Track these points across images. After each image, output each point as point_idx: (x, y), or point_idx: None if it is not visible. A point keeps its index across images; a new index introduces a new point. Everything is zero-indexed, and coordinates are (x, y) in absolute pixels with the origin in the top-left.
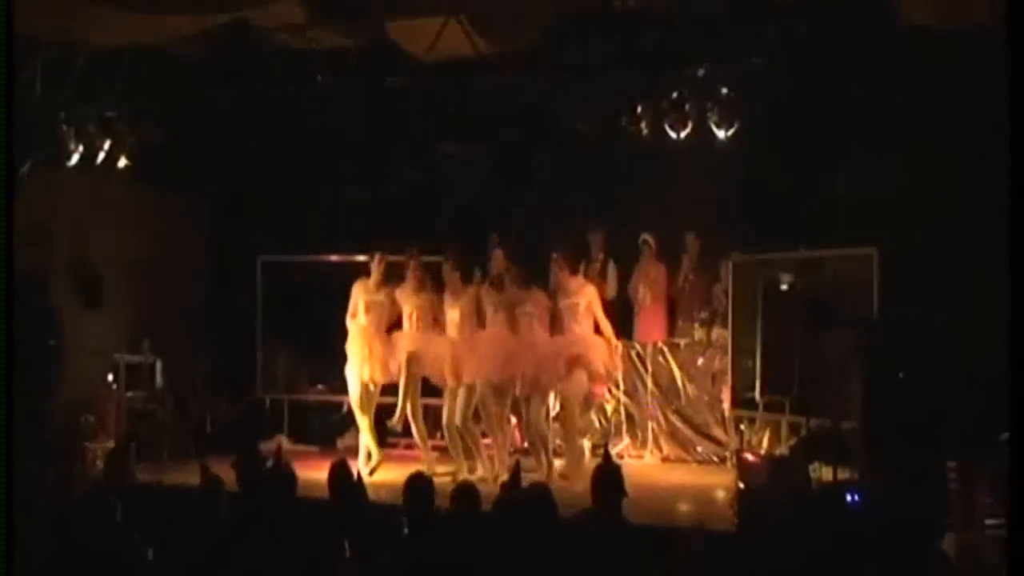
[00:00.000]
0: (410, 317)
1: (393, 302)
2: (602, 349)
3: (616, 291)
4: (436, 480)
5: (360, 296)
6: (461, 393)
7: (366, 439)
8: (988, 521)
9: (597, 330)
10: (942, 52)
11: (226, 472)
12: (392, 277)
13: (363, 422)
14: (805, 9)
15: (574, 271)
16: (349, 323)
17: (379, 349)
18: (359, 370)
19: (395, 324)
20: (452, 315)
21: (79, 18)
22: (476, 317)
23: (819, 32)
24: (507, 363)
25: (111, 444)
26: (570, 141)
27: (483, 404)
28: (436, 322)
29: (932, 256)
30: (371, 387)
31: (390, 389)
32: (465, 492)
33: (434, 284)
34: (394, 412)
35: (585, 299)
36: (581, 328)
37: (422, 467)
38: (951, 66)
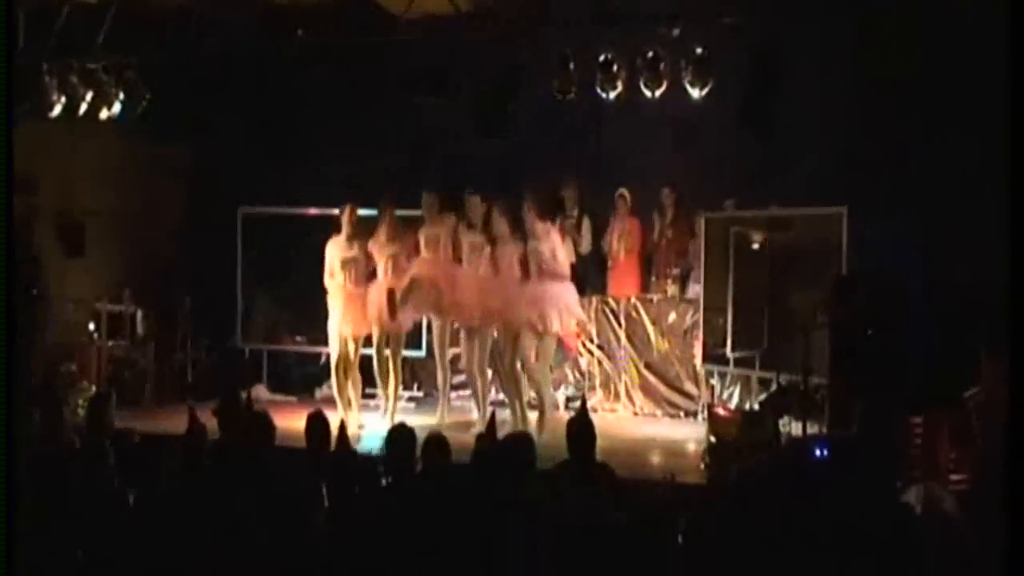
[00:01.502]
0: (385, 267)
1: (367, 256)
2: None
3: (590, 246)
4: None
5: (335, 254)
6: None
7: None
8: (952, 476)
9: None
10: (913, 9)
11: (206, 419)
12: (365, 231)
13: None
14: None
15: (542, 216)
16: (328, 282)
17: (357, 305)
18: (338, 329)
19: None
20: (428, 238)
21: None
22: (452, 248)
23: None
24: (484, 303)
25: (92, 392)
26: (546, 98)
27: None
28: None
29: (901, 215)
30: (350, 345)
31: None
32: (436, 443)
33: (408, 232)
34: (370, 365)
35: (549, 246)
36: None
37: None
38: (922, 24)
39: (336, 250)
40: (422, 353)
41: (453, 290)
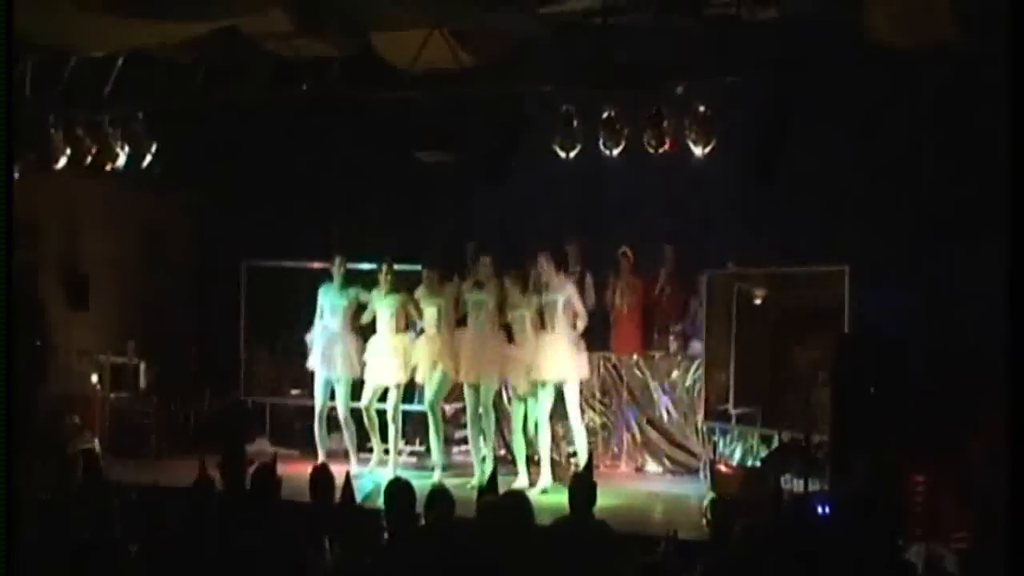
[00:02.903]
0: (383, 318)
1: (360, 304)
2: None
3: (593, 303)
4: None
5: (325, 298)
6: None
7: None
8: (954, 534)
9: None
10: (911, 70)
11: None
12: (355, 281)
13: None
14: (779, 28)
15: (559, 269)
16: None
17: (350, 348)
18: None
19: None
20: (430, 312)
21: (70, 22)
22: (454, 314)
23: (793, 51)
24: (498, 365)
25: (96, 444)
26: (549, 154)
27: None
28: (409, 322)
29: (903, 273)
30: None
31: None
32: (439, 497)
33: (408, 287)
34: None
35: (565, 296)
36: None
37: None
38: (921, 83)
39: (327, 295)
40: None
41: (457, 357)
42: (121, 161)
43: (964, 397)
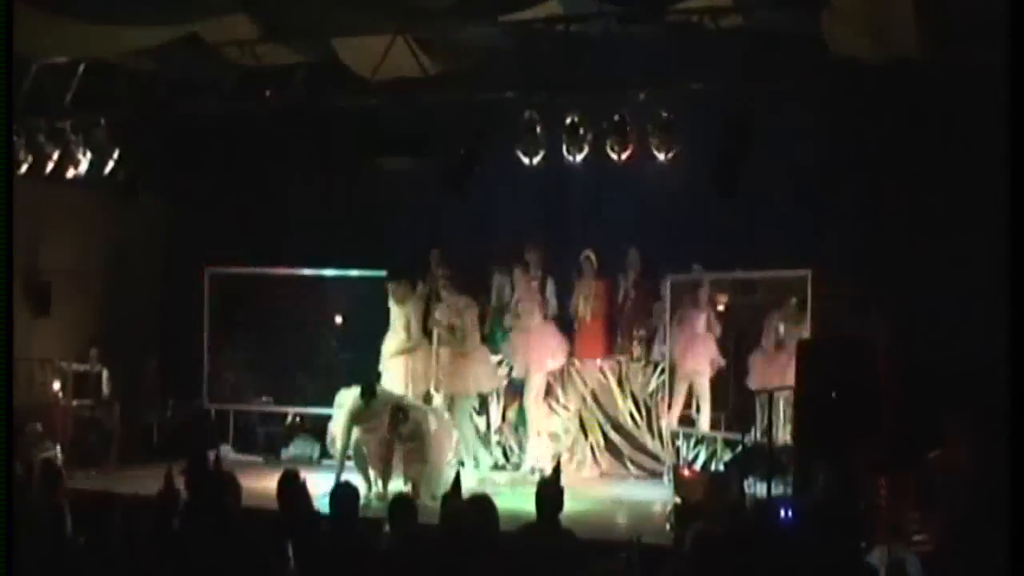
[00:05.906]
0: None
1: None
2: None
3: (556, 308)
4: None
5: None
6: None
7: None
8: (916, 537)
9: None
10: (873, 80)
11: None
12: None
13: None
14: (744, 36)
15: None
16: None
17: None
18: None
19: None
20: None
21: (32, 29)
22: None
23: (757, 58)
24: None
25: (57, 452)
26: (513, 160)
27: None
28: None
29: (865, 276)
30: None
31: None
32: (402, 505)
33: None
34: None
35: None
36: None
37: None
38: (882, 92)
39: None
40: None
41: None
42: (83, 168)
43: (927, 400)
